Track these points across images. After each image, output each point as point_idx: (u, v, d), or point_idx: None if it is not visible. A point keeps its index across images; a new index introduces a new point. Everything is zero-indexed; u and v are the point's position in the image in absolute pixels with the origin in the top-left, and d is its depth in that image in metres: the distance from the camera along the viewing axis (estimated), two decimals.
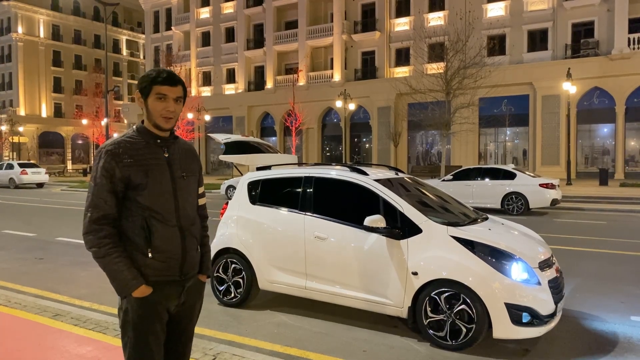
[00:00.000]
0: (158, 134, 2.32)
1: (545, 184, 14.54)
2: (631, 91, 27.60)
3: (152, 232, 2.24)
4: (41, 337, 4.36)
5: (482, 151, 32.82)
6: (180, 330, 2.44)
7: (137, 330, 2.26)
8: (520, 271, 4.24)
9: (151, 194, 2.25)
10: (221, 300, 5.61)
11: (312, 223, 5.07)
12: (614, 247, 9.24)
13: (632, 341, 4.58)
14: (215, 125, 40.49)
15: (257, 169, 5.95)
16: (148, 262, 2.24)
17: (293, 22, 39.08)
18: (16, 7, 55.33)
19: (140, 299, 2.22)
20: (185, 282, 2.36)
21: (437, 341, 4.34)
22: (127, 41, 66.87)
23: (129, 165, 2.22)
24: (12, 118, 49.60)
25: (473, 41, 24.23)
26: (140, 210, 2.24)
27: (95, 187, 2.22)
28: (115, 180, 2.20)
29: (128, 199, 2.25)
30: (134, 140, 2.29)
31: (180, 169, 2.36)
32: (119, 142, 2.26)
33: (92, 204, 2.21)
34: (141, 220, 2.24)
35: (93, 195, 2.21)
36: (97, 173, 2.22)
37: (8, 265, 7.94)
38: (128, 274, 2.20)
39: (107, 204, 2.21)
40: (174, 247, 2.29)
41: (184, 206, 2.35)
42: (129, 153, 2.24)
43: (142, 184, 2.23)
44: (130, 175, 2.22)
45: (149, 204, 2.24)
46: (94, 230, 2.20)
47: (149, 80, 2.27)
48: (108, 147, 2.24)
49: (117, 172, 2.20)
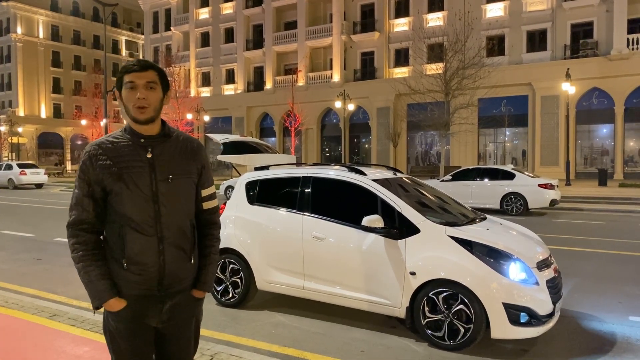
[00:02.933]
0: (140, 131, 2.11)
1: (545, 184, 14.54)
2: (630, 91, 27.63)
3: (126, 241, 2.06)
4: (38, 337, 4.35)
5: (481, 152, 32.83)
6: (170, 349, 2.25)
7: (115, 342, 2.16)
8: (518, 271, 4.23)
9: (127, 200, 2.05)
10: (219, 301, 5.60)
11: (310, 223, 5.07)
12: (612, 248, 9.24)
13: (630, 341, 4.57)
14: (215, 125, 40.50)
15: (255, 169, 5.94)
16: (123, 273, 2.08)
17: (292, 22, 39.09)
18: (15, 8, 55.30)
19: (115, 313, 2.09)
20: (167, 297, 2.13)
21: (435, 341, 4.33)
22: (127, 42, 66.86)
23: (103, 168, 2.06)
24: (11, 119, 49.56)
25: (472, 42, 24.26)
26: (117, 217, 2.08)
27: (75, 189, 2.11)
28: (91, 184, 2.07)
29: (108, 204, 2.10)
30: (117, 140, 2.11)
31: (167, 171, 2.10)
32: (100, 142, 2.12)
33: (71, 207, 2.11)
34: (118, 228, 2.08)
35: (73, 198, 2.11)
36: (77, 175, 2.12)
37: (6, 265, 7.93)
38: (99, 284, 2.05)
39: (85, 208, 2.07)
40: (149, 258, 2.07)
41: (168, 213, 2.10)
42: (108, 154, 2.07)
43: (114, 189, 2.05)
44: (103, 179, 2.06)
45: (124, 210, 2.06)
46: (70, 235, 2.10)
47: (121, 72, 2.10)
48: (88, 148, 2.12)
49: (92, 174, 2.07)
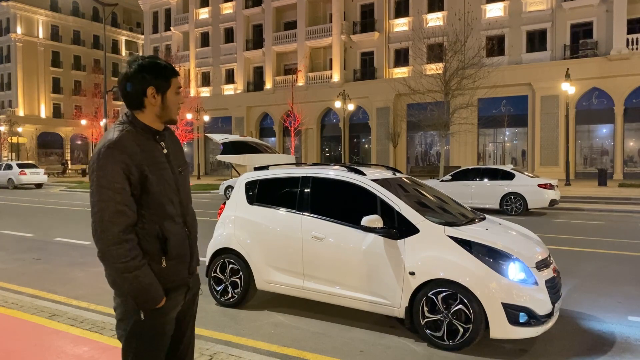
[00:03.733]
0: (158, 129, 2.15)
1: (544, 184, 14.54)
2: (630, 91, 27.64)
3: (169, 238, 2.09)
4: (38, 337, 4.35)
5: (481, 152, 32.84)
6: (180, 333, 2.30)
7: (147, 343, 2.11)
8: (517, 271, 4.24)
9: (162, 197, 2.08)
10: (218, 301, 5.60)
11: (310, 223, 5.07)
12: (612, 248, 9.24)
13: (629, 341, 4.57)
14: (214, 125, 40.49)
15: (254, 169, 5.94)
16: (162, 270, 2.09)
17: (292, 22, 39.09)
18: (15, 8, 55.30)
19: (156, 310, 2.07)
20: (189, 284, 2.25)
21: (434, 341, 4.33)
22: (126, 42, 66.86)
23: (144, 164, 2.02)
24: (11, 118, 49.59)
25: (472, 42, 24.24)
26: (154, 217, 2.06)
27: (114, 192, 1.95)
28: (132, 181, 1.99)
29: (143, 204, 2.04)
30: (135, 136, 2.06)
31: (177, 164, 2.21)
32: (121, 137, 2.02)
33: (115, 211, 1.95)
34: (153, 226, 2.06)
35: (115, 202, 1.95)
36: (110, 176, 1.94)
37: (6, 265, 7.93)
38: (157, 285, 2.04)
39: (131, 209, 2.00)
40: (185, 249, 2.18)
41: (186, 202, 2.23)
42: (137, 150, 2.03)
43: (155, 186, 2.04)
44: (147, 175, 2.02)
45: (160, 208, 2.07)
46: (124, 241, 1.96)
47: (169, 72, 2.11)
48: (117, 144, 1.98)
49: (134, 171, 1.99)
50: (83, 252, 8.90)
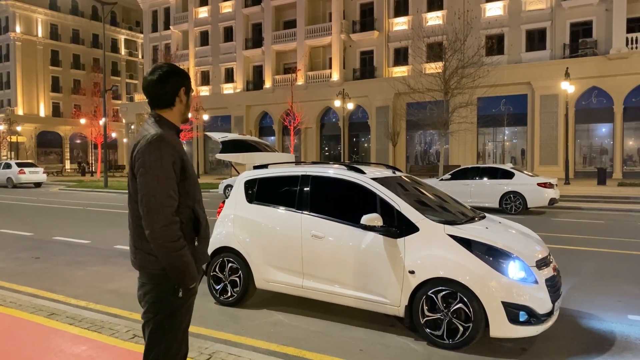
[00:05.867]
0: (179, 126, 2.46)
1: (544, 183, 14.54)
2: (629, 91, 27.65)
3: (200, 219, 2.38)
4: (36, 336, 4.33)
5: (480, 151, 32.84)
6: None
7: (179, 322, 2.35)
8: (517, 270, 4.22)
9: (194, 182, 2.39)
10: (218, 300, 5.59)
11: (309, 222, 5.05)
12: (611, 246, 9.24)
13: (629, 340, 4.57)
14: (214, 124, 40.47)
15: (253, 167, 5.93)
16: (196, 249, 2.36)
17: (291, 21, 39.07)
18: (14, 7, 55.23)
19: (189, 289, 2.32)
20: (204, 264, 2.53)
21: (434, 340, 4.32)
22: (126, 40, 66.80)
23: (182, 154, 2.31)
24: (10, 117, 49.53)
25: (471, 41, 24.25)
26: (188, 201, 2.33)
27: (167, 179, 2.21)
28: (176, 169, 2.26)
29: (180, 190, 2.32)
30: (170, 132, 2.34)
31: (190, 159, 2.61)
32: (163, 132, 2.28)
33: (167, 195, 2.19)
34: (187, 209, 2.33)
35: (166, 187, 2.20)
36: (162, 164, 2.20)
37: (4, 264, 7.91)
38: (194, 265, 2.29)
39: (177, 194, 2.26)
40: (209, 229, 2.49)
41: (199, 191, 2.51)
42: (175, 143, 2.30)
43: (190, 172, 2.34)
44: (185, 163, 2.31)
45: (194, 192, 2.37)
46: (173, 222, 2.20)
47: (189, 76, 2.45)
48: (163, 138, 2.24)
49: (177, 161, 2.26)
50: (82, 251, 8.89)
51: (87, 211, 16.26)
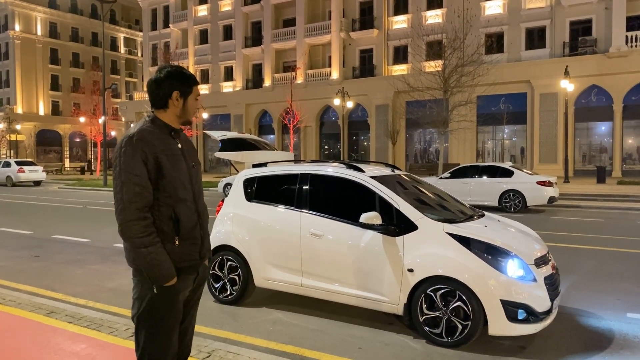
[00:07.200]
0: (174, 126, 2.47)
1: (543, 181, 14.54)
2: (629, 89, 27.64)
3: (180, 219, 2.36)
4: (35, 334, 4.34)
5: (479, 149, 32.84)
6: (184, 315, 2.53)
7: (159, 319, 2.34)
8: (516, 268, 4.23)
9: (176, 182, 2.37)
10: (217, 298, 5.59)
11: (308, 220, 5.06)
12: (610, 245, 9.25)
13: (627, 338, 4.58)
14: (213, 123, 40.45)
15: (253, 166, 5.92)
16: (175, 249, 2.35)
17: (291, 19, 39.02)
18: (13, 5, 55.13)
19: (169, 287, 2.32)
20: (199, 267, 2.51)
21: (432, 338, 4.33)
22: (125, 39, 66.69)
23: (159, 152, 2.33)
24: (9, 116, 49.51)
25: (471, 39, 24.21)
26: (168, 200, 2.35)
27: (134, 175, 2.25)
28: (149, 167, 2.29)
29: (158, 189, 2.34)
30: (153, 131, 2.38)
31: (191, 159, 2.54)
32: (142, 130, 2.35)
33: (134, 192, 2.24)
34: (167, 208, 2.34)
35: (134, 185, 2.25)
36: (131, 161, 2.25)
37: (4, 262, 7.91)
38: (169, 263, 2.30)
39: (149, 191, 2.29)
40: (197, 232, 2.45)
41: (198, 193, 2.53)
42: (154, 142, 2.34)
43: (169, 171, 2.34)
44: (161, 161, 2.32)
45: (174, 191, 2.36)
46: (140, 218, 2.25)
47: (192, 81, 2.47)
48: (137, 136, 2.30)
49: (150, 158, 2.29)
50: (81, 249, 8.90)
51: (86, 209, 16.26)
